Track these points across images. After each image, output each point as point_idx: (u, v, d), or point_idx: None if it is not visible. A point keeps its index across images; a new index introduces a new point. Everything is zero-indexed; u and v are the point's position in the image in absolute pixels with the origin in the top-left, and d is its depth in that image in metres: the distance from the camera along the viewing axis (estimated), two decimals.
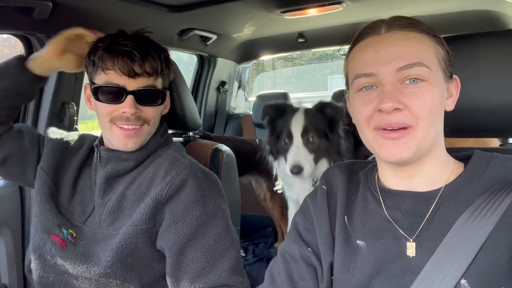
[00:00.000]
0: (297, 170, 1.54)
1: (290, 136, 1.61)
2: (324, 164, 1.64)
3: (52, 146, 1.18)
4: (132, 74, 1.01)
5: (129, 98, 1.02)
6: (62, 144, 1.19)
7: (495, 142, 1.45)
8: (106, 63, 1.02)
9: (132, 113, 1.03)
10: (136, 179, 1.08)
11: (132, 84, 1.02)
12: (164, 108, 1.16)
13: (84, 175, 1.16)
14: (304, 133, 1.60)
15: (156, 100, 1.08)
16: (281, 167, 1.71)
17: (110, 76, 1.02)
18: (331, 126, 1.63)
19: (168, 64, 1.12)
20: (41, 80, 1.16)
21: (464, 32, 0.95)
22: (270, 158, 1.74)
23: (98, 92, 1.04)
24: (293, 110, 1.67)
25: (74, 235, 1.08)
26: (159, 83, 1.08)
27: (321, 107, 1.64)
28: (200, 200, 1.01)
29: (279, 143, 1.66)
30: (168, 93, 1.16)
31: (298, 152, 1.59)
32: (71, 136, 1.23)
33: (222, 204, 1.06)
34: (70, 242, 1.07)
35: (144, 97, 1.05)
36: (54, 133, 1.23)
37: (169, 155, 1.09)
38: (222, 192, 1.09)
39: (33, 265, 1.10)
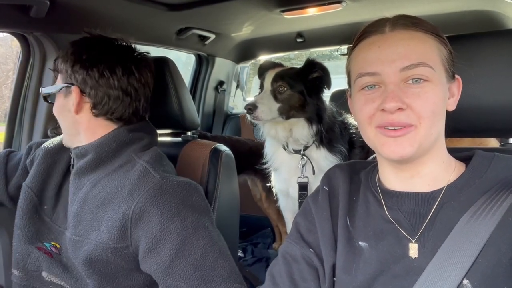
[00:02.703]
0: (249, 107, 1.52)
1: (263, 86, 1.61)
2: (302, 125, 1.59)
3: (39, 161, 1.16)
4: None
5: None
6: (46, 156, 1.16)
7: (492, 143, 1.45)
8: None
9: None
10: (100, 182, 1.03)
11: None
12: (72, 107, 1.05)
13: (67, 180, 1.13)
14: (274, 81, 1.58)
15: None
16: (264, 129, 1.68)
17: None
18: (312, 87, 1.59)
19: (68, 59, 1.04)
20: None
21: (463, 32, 0.94)
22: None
23: None
24: (280, 66, 1.67)
25: (58, 246, 1.06)
26: (59, 79, 1.10)
27: (308, 64, 1.61)
28: (176, 216, 0.94)
29: None
30: (74, 89, 1.03)
31: (262, 96, 1.58)
32: (54, 143, 1.20)
33: (201, 215, 0.98)
34: (55, 253, 1.05)
35: None
36: (38, 146, 1.23)
37: (141, 166, 1.01)
38: (201, 202, 1.02)
39: (15, 277, 1.08)
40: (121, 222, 0.95)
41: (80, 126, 1.07)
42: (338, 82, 1.64)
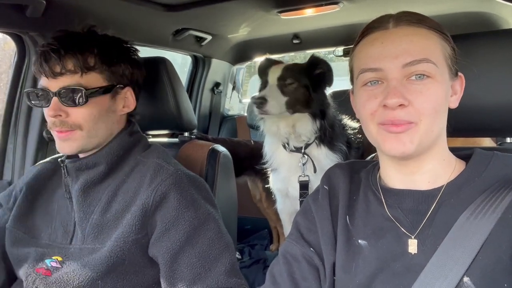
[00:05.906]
0: (260, 101, 1.50)
1: (266, 83, 1.60)
2: (306, 120, 1.58)
3: (23, 196, 1.11)
4: (51, 74, 0.96)
5: (53, 101, 0.96)
6: (32, 185, 1.12)
7: (486, 143, 1.45)
8: (34, 67, 0.99)
9: (52, 114, 0.96)
10: (120, 189, 1.03)
11: (54, 85, 0.96)
12: (123, 107, 1.07)
13: (57, 197, 1.10)
14: (281, 75, 1.58)
15: (78, 100, 0.96)
16: (265, 126, 1.66)
17: (42, 80, 0.99)
18: (317, 83, 1.60)
19: (112, 57, 1.02)
20: None
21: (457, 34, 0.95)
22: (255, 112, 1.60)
23: (28, 96, 1.02)
24: (281, 63, 1.67)
25: (60, 259, 1.02)
26: (96, 79, 0.99)
27: (313, 61, 1.61)
28: (191, 205, 0.99)
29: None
30: (128, 89, 1.07)
31: (269, 89, 1.57)
32: (42, 167, 1.17)
33: (212, 208, 1.04)
34: (55, 268, 1.01)
35: (66, 98, 0.96)
36: (24, 179, 1.16)
37: (153, 163, 1.04)
38: (211, 196, 1.07)
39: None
40: (141, 212, 0.97)
41: (114, 126, 1.07)
42: (335, 83, 1.65)
